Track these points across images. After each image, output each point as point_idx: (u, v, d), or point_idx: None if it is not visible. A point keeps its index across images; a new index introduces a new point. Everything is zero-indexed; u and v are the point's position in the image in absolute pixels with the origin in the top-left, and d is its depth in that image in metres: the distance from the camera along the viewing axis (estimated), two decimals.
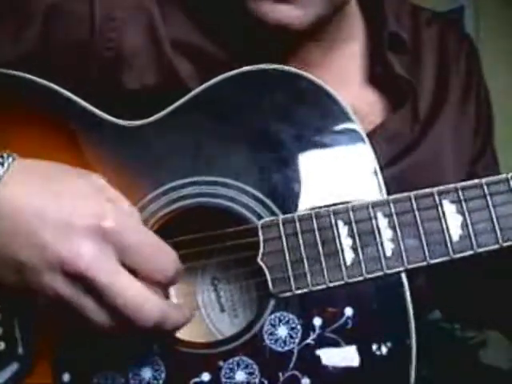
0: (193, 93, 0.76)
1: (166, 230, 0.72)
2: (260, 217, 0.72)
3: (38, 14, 0.78)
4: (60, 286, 0.60)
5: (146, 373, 0.68)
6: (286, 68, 0.77)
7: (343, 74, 0.91)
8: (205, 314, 0.78)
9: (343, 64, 0.91)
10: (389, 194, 0.72)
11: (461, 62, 0.98)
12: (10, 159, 0.63)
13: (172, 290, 0.77)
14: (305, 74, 0.76)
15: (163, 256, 0.63)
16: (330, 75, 0.87)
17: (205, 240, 0.72)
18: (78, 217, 0.60)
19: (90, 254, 0.59)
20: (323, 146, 0.74)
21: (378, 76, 0.91)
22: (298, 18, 0.77)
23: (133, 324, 0.60)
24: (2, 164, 0.62)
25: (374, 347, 0.69)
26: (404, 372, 0.68)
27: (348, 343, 0.69)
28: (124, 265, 0.61)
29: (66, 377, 0.68)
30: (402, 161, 0.88)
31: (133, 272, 0.61)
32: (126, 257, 0.61)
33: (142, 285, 0.61)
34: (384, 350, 0.69)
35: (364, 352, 0.69)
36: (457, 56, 0.98)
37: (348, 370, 0.69)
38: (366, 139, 0.74)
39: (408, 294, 0.70)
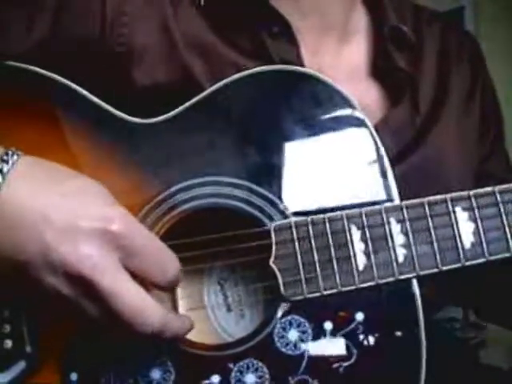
0: (206, 92, 0.75)
1: (177, 230, 0.71)
2: (271, 218, 0.71)
3: (50, 5, 0.77)
4: (61, 286, 0.59)
5: (155, 374, 0.68)
6: (300, 69, 0.76)
7: (352, 67, 0.91)
8: (211, 313, 0.78)
9: (352, 57, 0.91)
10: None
11: (463, 61, 0.98)
12: (15, 157, 0.62)
13: (178, 290, 0.76)
14: (318, 74, 0.75)
15: (166, 260, 0.63)
16: (340, 68, 0.88)
17: (215, 241, 0.72)
18: (83, 218, 0.60)
19: (94, 258, 0.59)
20: (336, 147, 0.74)
21: (380, 70, 0.91)
22: None
23: (131, 329, 0.60)
24: (7, 162, 0.61)
25: (385, 352, 0.69)
26: (414, 378, 0.68)
27: (358, 348, 0.69)
28: (127, 269, 0.61)
29: (74, 376, 0.67)
30: (406, 159, 0.87)
31: (135, 276, 0.61)
32: (130, 261, 0.61)
33: (143, 291, 0.61)
34: (394, 355, 0.69)
35: (374, 357, 0.69)
36: (459, 56, 0.98)
37: (358, 375, 0.69)
38: (378, 139, 0.74)
39: (419, 299, 0.70)
